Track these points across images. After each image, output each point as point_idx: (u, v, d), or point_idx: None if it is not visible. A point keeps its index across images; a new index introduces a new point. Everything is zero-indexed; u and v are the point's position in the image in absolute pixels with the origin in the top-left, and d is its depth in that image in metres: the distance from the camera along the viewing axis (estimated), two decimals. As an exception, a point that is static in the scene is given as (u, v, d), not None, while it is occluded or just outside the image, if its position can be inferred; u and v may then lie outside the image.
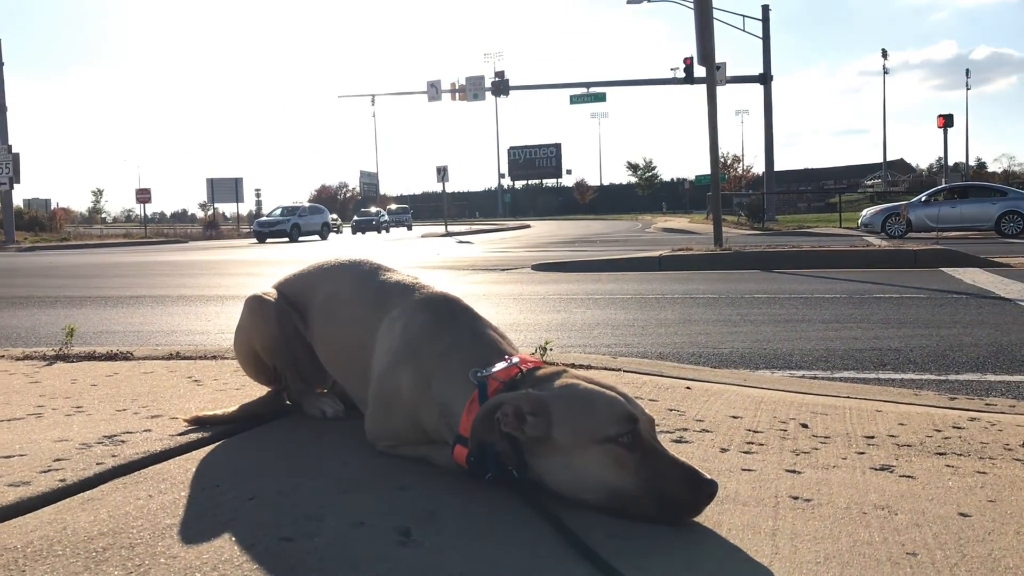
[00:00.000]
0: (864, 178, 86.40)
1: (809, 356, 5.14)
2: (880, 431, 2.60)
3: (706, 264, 13.55)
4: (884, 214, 26.42)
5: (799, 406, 2.97)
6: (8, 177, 36.34)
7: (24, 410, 2.84)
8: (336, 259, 2.73)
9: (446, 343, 2.12)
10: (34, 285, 12.69)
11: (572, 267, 14.17)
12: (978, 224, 25.12)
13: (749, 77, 42.70)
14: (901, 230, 25.33)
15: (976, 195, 26.35)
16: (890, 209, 26.66)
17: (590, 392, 1.85)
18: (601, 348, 5.59)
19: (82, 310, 8.78)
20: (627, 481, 1.74)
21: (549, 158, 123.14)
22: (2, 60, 40.09)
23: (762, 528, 1.73)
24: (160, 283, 12.70)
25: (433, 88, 48.98)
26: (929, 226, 24.90)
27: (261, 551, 1.57)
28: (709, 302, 8.41)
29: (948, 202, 25.99)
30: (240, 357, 2.74)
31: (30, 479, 1.98)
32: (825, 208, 60.59)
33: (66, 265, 19.06)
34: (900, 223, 25.37)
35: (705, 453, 2.31)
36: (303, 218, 41.90)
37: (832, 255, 13.66)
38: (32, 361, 4.01)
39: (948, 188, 27.89)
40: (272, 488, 1.96)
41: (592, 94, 49.68)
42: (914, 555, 1.60)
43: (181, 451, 2.29)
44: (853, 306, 7.74)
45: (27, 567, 1.49)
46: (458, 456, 1.97)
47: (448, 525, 1.72)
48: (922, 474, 2.14)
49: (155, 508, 1.82)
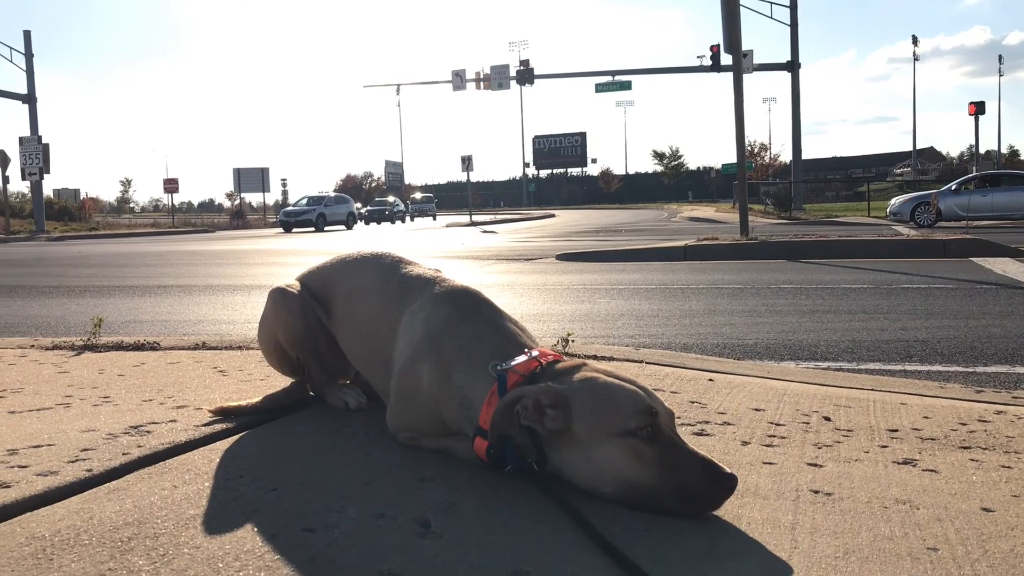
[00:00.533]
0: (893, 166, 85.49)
1: (835, 347, 5.11)
2: (904, 424, 2.58)
3: (732, 254, 13.49)
4: (913, 203, 26.13)
5: (822, 398, 2.95)
6: (38, 167, 36.78)
7: (53, 400, 2.89)
8: (359, 252, 2.75)
9: (466, 336, 2.12)
10: (63, 274, 12.86)
11: (596, 257, 14.15)
12: (1010, 213, 24.77)
13: (776, 65, 42.29)
14: (931, 219, 25.03)
15: (1008, 183, 25.94)
16: (920, 198, 26.37)
17: (610, 385, 1.85)
18: (624, 339, 5.59)
19: (110, 299, 8.88)
20: (646, 475, 1.75)
21: (574, 147, 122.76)
22: (32, 52, 40.55)
23: (782, 522, 1.73)
24: (187, 272, 12.82)
25: (458, 77, 48.98)
26: (959, 215, 24.59)
27: (282, 542, 1.59)
28: (734, 292, 8.37)
29: (979, 191, 25.64)
30: (264, 348, 2.77)
31: (58, 469, 2.02)
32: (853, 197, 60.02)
33: (95, 254, 19.29)
34: (930, 212, 25.07)
35: (726, 446, 2.30)
36: (329, 208, 42.10)
37: (860, 245, 13.54)
38: (61, 351, 4.06)
39: (979, 176, 27.51)
40: (294, 479, 1.98)
41: (618, 82, 49.46)
42: (935, 550, 1.59)
43: (205, 441, 2.31)
44: (880, 296, 7.67)
45: (55, 555, 1.52)
46: (478, 448, 1.98)
47: (467, 517, 1.74)
48: (945, 468, 2.13)
49: (179, 498, 1.84)
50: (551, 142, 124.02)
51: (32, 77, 40.70)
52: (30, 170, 36.79)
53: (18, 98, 40.58)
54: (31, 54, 40.59)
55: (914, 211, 25.68)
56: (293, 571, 1.46)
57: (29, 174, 37.01)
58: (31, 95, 40.60)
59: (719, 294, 8.26)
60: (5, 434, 2.38)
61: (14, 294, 9.68)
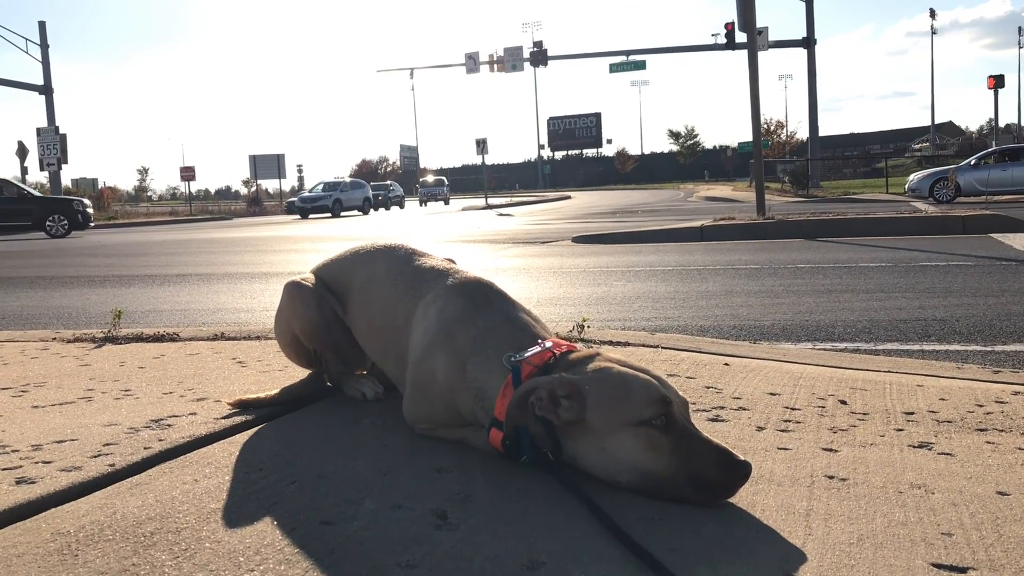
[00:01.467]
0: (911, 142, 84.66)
1: (852, 328, 5.09)
2: (920, 407, 2.58)
3: (749, 234, 13.44)
4: (932, 179, 25.91)
5: (838, 381, 2.95)
6: (56, 158, 37.02)
7: (75, 394, 2.93)
8: (372, 244, 2.77)
9: (480, 327, 2.14)
10: (83, 264, 12.97)
11: (612, 239, 14.13)
12: None
13: (792, 41, 41.92)
14: (949, 195, 24.81)
15: None
16: (938, 174, 26.14)
17: (624, 375, 1.86)
18: (641, 322, 5.59)
19: (130, 289, 8.96)
20: (661, 463, 1.76)
21: (589, 128, 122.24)
22: (47, 43, 40.72)
23: (796, 508, 1.74)
24: (205, 261, 12.90)
25: (471, 60, 48.79)
26: (979, 190, 24.34)
27: (302, 535, 1.62)
28: (751, 273, 8.34)
29: (999, 165, 25.37)
30: (281, 341, 2.80)
31: (81, 464, 2.05)
32: (871, 173, 59.46)
33: (113, 244, 19.44)
34: (948, 187, 24.84)
35: (741, 432, 2.31)
36: (345, 193, 42.21)
37: (878, 222, 13.45)
38: (82, 343, 4.11)
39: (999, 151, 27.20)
40: (313, 471, 2.00)
41: (632, 62, 49.13)
42: (949, 535, 1.59)
43: (225, 435, 2.35)
44: (898, 275, 7.63)
45: (79, 551, 1.55)
46: (494, 439, 2.00)
47: (484, 508, 1.75)
48: (961, 451, 2.13)
49: (200, 492, 1.87)
50: (566, 123, 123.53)
51: (48, 68, 40.91)
52: (48, 160, 37.04)
53: (35, 89, 40.80)
54: (47, 45, 40.79)
55: (933, 187, 25.45)
56: (312, 564, 1.49)
57: (47, 164, 37.26)
58: (47, 86, 40.81)
59: (736, 275, 8.24)
60: (29, 429, 2.42)
61: (35, 285, 9.78)
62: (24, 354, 3.84)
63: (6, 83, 40.09)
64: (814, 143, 44.26)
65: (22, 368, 3.47)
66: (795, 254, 10.18)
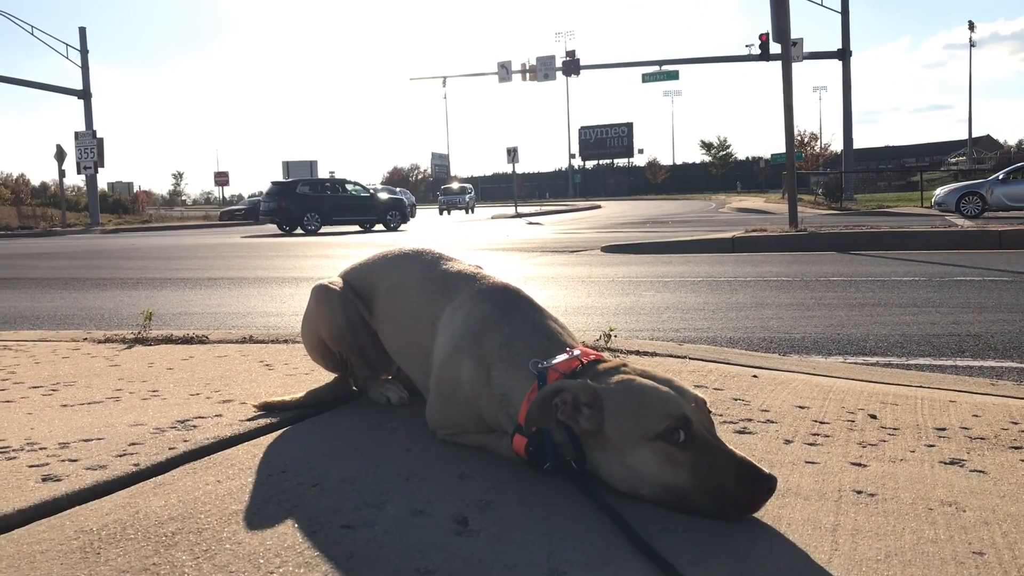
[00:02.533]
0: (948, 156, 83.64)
1: (884, 342, 5.02)
2: (952, 423, 2.53)
3: (780, 246, 13.33)
4: (959, 193, 25.54)
5: (868, 395, 2.90)
6: (93, 161, 37.60)
7: (103, 394, 2.95)
8: (400, 249, 2.77)
9: (507, 333, 2.13)
10: (116, 267, 13.14)
11: (642, 249, 14.07)
12: None
13: (827, 53, 41.54)
14: (976, 209, 24.42)
15: None
16: (966, 188, 25.78)
17: (642, 388, 1.83)
18: (669, 333, 5.55)
19: (162, 292, 9.06)
20: (680, 478, 1.73)
21: (620, 137, 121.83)
22: (87, 48, 41.37)
23: (823, 523, 1.71)
24: (236, 265, 13.02)
25: (503, 69, 48.95)
26: (1007, 205, 23.99)
27: (322, 538, 1.61)
28: (782, 285, 8.27)
29: None
30: (307, 344, 2.81)
31: (107, 463, 2.07)
32: (906, 187, 58.77)
33: (147, 247, 19.67)
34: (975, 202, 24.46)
35: (768, 445, 2.28)
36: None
37: (912, 236, 13.29)
38: (112, 344, 4.15)
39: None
40: (336, 475, 2.00)
41: (664, 72, 49.02)
42: (981, 554, 1.56)
43: (249, 436, 2.35)
44: (932, 289, 7.52)
45: (102, 549, 1.56)
46: (517, 446, 1.99)
47: (505, 515, 1.74)
48: (994, 469, 2.08)
49: (223, 493, 1.88)
50: (597, 133, 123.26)
51: (87, 73, 41.56)
52: (85, 164, 37.63)
53: (74, 93, 41.48)
54: (86, 50, 41.45)
55: (959, 201, 25.06)
56: (332, 568, 1.48)
57: (84, 168, 37.85)
58: (86, 91, 41.46)
59: (767, 287, 8.17)
60: (57, 427, 2.44)
61: (70, 286, 9.91)
62: (55, 354, 3.88)
63: (47, 87, 40.82)
64: (848, 155, 43.83)
65: (53, 367, 3.51)
66: (827, 267, 10.08)
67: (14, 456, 2.14)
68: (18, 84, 38.96)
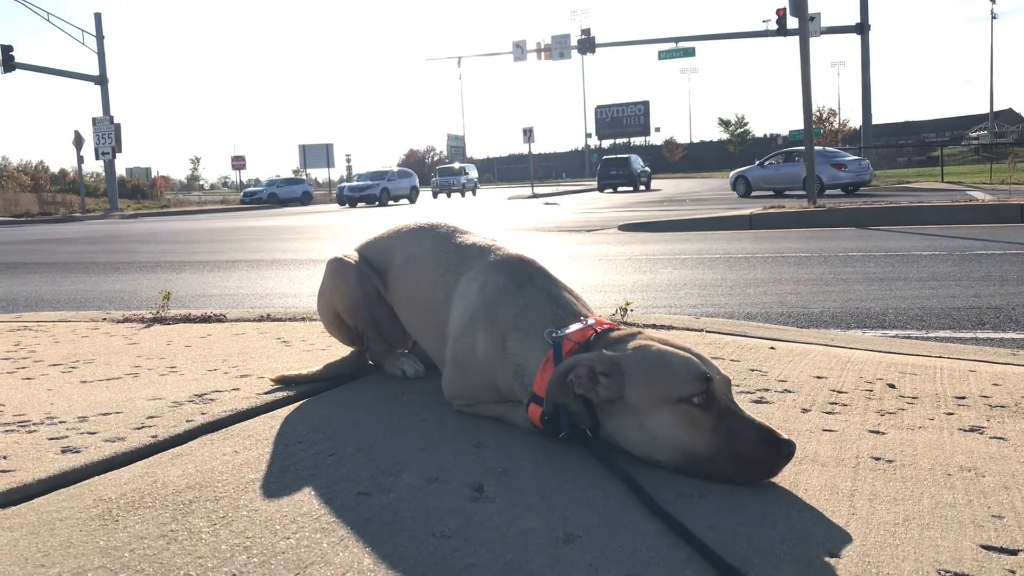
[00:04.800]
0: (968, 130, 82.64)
1: (903, 315, 4.98)
2: (972, 391, 2.51)
3: (799, 222, 13.25)
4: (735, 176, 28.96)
5: (887, 366, 2.88)
6: (111, 147, 37.77)
7: (122, 370, 2.97)
8: (415, 222, 2.76)
9: (521, 304, 2.12)
10: (135, 251, 13.22)
11: (659, 227, 14.02)
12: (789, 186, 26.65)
13: (845, 27, 41.14)
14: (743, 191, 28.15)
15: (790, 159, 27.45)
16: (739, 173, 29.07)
17: (663, 353, 1.83)
18: (687, 308, 5.53)
19: (181, 274, 9.11)
20: (700, 442, 1.73)
21: (637, 116, 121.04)
22: (103, 34, 41.48)
23: (840, 489, 1.70)
24: (254, 247, 13.06)
25: (518, 48, 48.71)
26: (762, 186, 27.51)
27: (338, 505, 1.62)
28: (800, 261, 8.22)
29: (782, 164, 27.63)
30: (323, 318, 2.81)
31: (125, 435, 2.08)
32: (926, 162, 58.11)
33: (165, 231, 19.78)
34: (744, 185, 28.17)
35: (785, 414, 2.26)
36: (392, 182, 42.43)
37: (931, 210, 13.17)
38: (131, 324, 4.18)
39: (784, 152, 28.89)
40: (352, 445, 2.01)
41: (681, 49, 48.62)
42: (1000, 518, 1.55)
43: (267, 409, 2.36)
44: (952, 263, 7.45)
45: (120, 517, 1.57)
46: (532, 415, 1.99)
47: (520, 482, 1.74)
48: (1015, 436, 2.06)
49: (240, 463, 1.89)
50: (613, 112, 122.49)
51: (103, 59, 41.68)
52: (103, 150, 37.80)
53: (90, 79, 41.62)
54: (102, 36, 41.54)
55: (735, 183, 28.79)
56: (348, 533, 1.49)
57: (102, 153, 38.04)
58: (103, 76, 41.59)
59: (785, 262, 8.12)
60: (76, 402, 2.46)
61: (89, 270, 9.98)
62: (75, 333, 3.91)
63: (63, 73, 40.97)
64: (867, 131, 43.43)
65: (72, 346, 3.54)
66: (846, 242, 10.01)
67: (34, 429, 2.15)
68: (36, 71, 39.11)
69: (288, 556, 1.40)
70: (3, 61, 35.06)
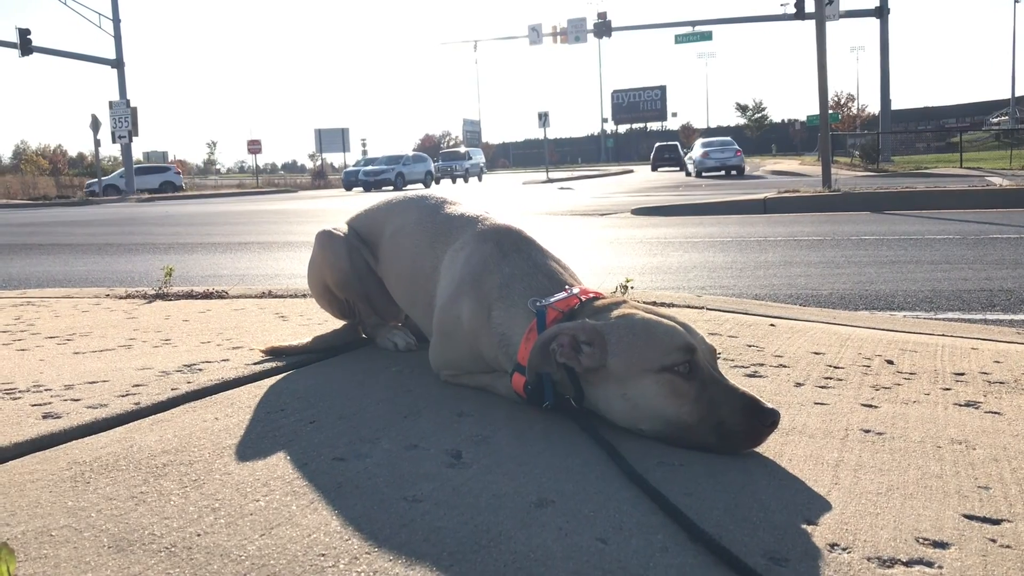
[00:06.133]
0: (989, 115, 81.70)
1: (913, 297, 4.93)
2: (972, 368, 2.47)
3: (813, 206, 13.14)
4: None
5: (887, 343, 2.84)
6: (127, 131, 37.89)
7: (116, 342, 2.97)
8: (404, 195, 2.74)
9: (506, 273, 2.10)
10: (150, 233, 13.26)
11: (672, 211, 13.94)
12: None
13: (864, 11, 40.66)
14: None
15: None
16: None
17: (647, 322, 1.80)
18: (695, 290, 5.49)
19: (192, 256, 9.12)
20: (684, 410, 1.70)
21: (654, 101, 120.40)
22: (119, 18, 41.57)
23: (825, 459, 1.67)
24: (267, 230, 13.08)
25: (534, 32, 48.42)
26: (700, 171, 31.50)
27: (312, 470, 1.60)
28: (813, 244, 8.14)
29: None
30: (314, 292, 2.79)
31: (108, 402, 2.07)
32: (946, 148, 57.48)
33: (181, 214, 19.84)
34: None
35: (778, 387, 2.23)
36: (407, 167, 42.39)
37: (947, 195, 13.02)
38: (133, 300, 4.18)
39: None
40: (334, 413, 1.99)
41: (698, 33, 48.18)
42: (986, 488, 1.51)
43: (253, 379, 2.35)
44: (966, 247, 7.37)
45: (92, 479, 1.56)
46: (516, 385, 1.96)
47: (499, 449, 1.72)
48: (1010, 411, 2.02)
49: (219, 429, 1.87)
50: (630, 96, 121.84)
51: (120, 42, 41.73)
52: (120, 133, 37.93)
53: (107, 63, 41.72)
54: (118, 20, 41.60)
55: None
56: (318, 496, 1.47)
57: (119, 137, 38.16)
58: (119, 60, 41.67)
59: (797, 246, 8.05)
60: (65, 372, 2.45)
61: (103, 251, 10.02)
62: (76, 308, 3.92)
63: (80, 57, 41.09)
64: (885, 116, 43.01)
65: (72, 320, 3.54)
66: (860, 226, 9.91)
67: (19, 397, 2.15)
68: (53, 54, 39.26)
69: (256, 518, 1.39)
70: (21, 44, 35.19)
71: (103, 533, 1.33)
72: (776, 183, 24.96)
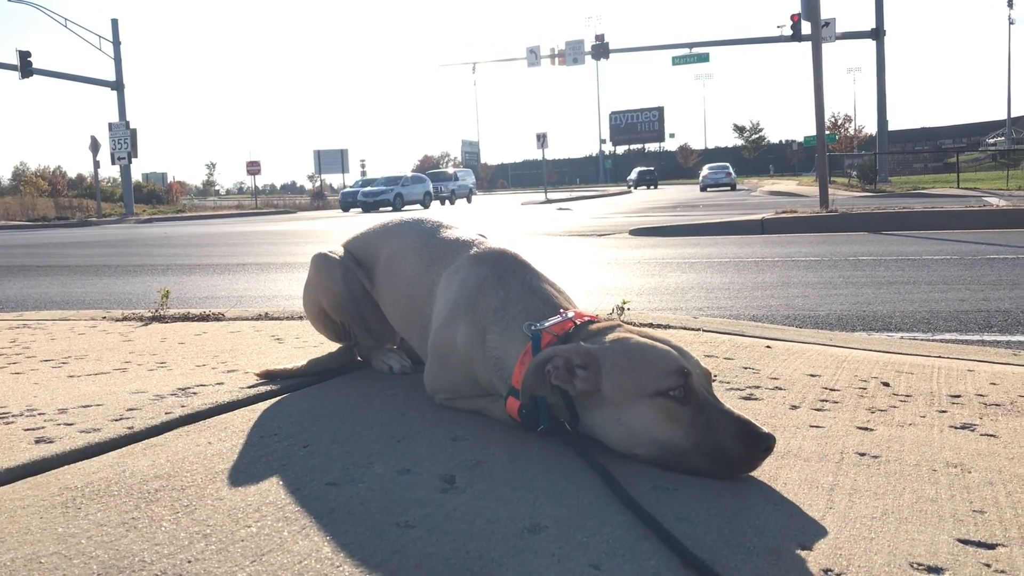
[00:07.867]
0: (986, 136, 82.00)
1: (910, 318, 4.93)
2: (968, 390, 2.46)
3: (810, 227, 13.16)
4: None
5: (884, 365, 2.84)
6: (127, 152, 38.01)
7: (112, 365, 2.96)
8: (400, 218, 2.74)
9: (501, 297, 2.10)
10: (148, 254, 13.27)
11: (670, 232, 13.96)
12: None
13: (860, 33, 40.85)
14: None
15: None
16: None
17: (641, 346, 1.80)
18: (692, 311, 5.48)
19: (190, 277, 9.12)
20: (678, 435, 1.70)
21: (651, 122, 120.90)
22: (119, 40, 41.78)
23: (820, 483, 1.66)
24: (266, 251, 13.08)
25: (532, 54, 48.74)
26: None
27: (305, 495, 1.59)
28: (810, 265, 8.15)
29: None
30: (309, 314, 2.79)
31: (101, 426, 2.06)
32: (943, 169, 57.71)
33: (179, 235, 19.85)
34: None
35: (773, 410, 2.23)
36: (406, 188, 42.45)
37: (945, 215, 13.04)
38: (130, 322, 4.18)
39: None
40: (327, 437, 1.99)
41: (695, 55, 48.54)
42: (981, 512, 1.50)
43: (248, 403, 2.34)
44: (963, 268, 7.37)
45: (83, 504, 1.55)
46: (511, 409, 1.96)
47: (493, 474, 1.71)
48: (1006, 433, 2.02)
49: (212, 454, 1.87)
50: (628, 117, 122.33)
51: (120, 64, 41.95)
52: (119, 154, 38.06)
53: (107, 85, 41.90)
54: (118, 42, 41.82)
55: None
56: (311, 522, 1.46)
57: (118, 158, 38.30)
58: (119, 82, 41.86)
59: (794, 266, 8.05)
60: (60, 395, 2.45)
61: (101, 273, 10.02)
62: (72, 331, 3.91)
63: (80, 79, 41.29)
64: (882, 137, 43.12)
65: (67, 343, 3.53)
66: (857, 247, 9.92)
67: (12, 421, 2.14)
68: (53, 76, 39.44)
69: (247, 544, 1.38)
70: (21, 66, 35.34)
71: (93, 560, 1.32)
72: (774, 204, 25.01)
